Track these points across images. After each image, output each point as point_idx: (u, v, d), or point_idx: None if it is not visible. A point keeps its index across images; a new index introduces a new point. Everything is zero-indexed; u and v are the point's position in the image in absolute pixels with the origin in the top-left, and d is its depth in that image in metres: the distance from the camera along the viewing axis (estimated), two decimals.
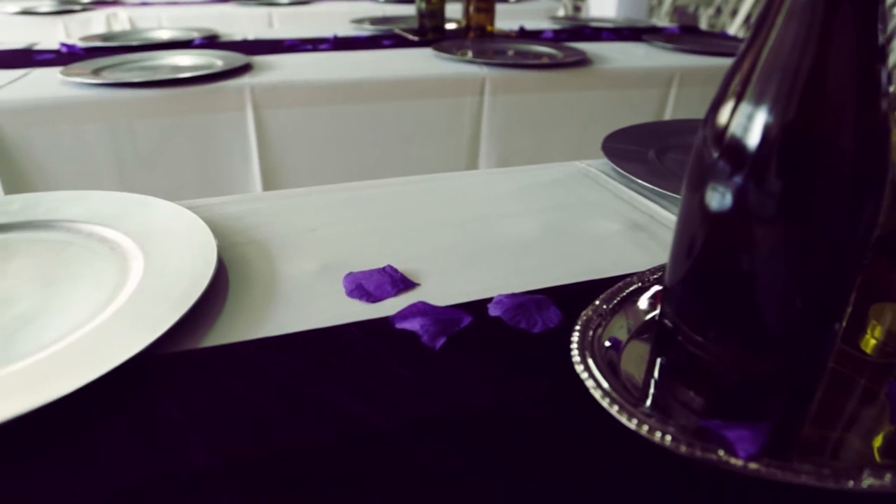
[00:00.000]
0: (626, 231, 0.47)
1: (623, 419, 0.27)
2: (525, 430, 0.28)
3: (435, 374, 0.32)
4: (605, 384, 0.29)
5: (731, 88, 0.27)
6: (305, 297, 0.38)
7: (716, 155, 0.26)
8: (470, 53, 1.16)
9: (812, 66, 0.23)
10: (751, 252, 0.27)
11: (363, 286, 0.39)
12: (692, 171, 0.28)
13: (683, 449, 0.26)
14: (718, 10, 3.39)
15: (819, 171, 0.25)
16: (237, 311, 0.37)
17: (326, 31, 1.49)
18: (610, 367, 0.31)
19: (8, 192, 0.95)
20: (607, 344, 0.33)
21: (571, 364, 0.31)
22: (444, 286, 0.40)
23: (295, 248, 0.45)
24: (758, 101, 0.25)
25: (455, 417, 0.29)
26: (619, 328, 0.34)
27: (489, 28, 1.40)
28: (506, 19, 1.67)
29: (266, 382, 0.31)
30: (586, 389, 0.29)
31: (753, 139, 0.25)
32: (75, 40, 1.38)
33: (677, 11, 3.92)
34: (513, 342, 0.34)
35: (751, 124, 0.25)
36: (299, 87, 0.99)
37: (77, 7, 2.09)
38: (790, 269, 0.27)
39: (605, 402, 0.28)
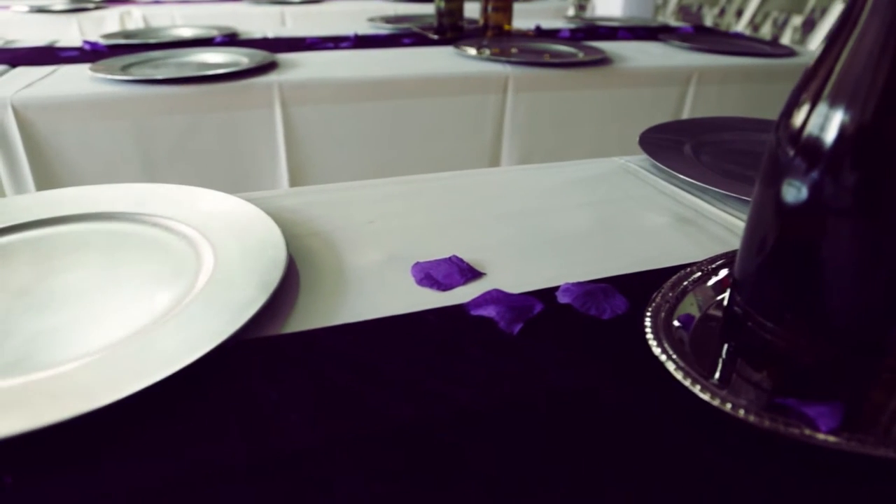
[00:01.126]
0: (674, 224, 0.49)
1: (706, 397, 0.29)
2: (608, 409, 0.30)
3: (516, 358, 0.33)
4: (683, 364, 0.31)
5: (808, 92, 0.28)
6: (376, 286, 0.40)
7: (791, 153, 0.28)
8: (491, 52, 1.17)
9: (891, 65, 0.25)
10: (825, 243, 0.29)
11: (432, 275, 0.40)
12: (767, 169, 0.30)
13: (767, 423, 0.27)
14: (722, 11, 3.40)
15: (893, 167, 0.26)
16: (311, 300, 0.39)
17: (339, 30, 1.50)
18: (683, 350, 0.32)
19: (39, 187, 0.96)
20: (676, 324, 0.34)
21: (645, 347, 0.32)
22: (509, 275, 0.41)
23: (357, 239, 0.46)
24: (834, 102, 0.26)
25: (541, 397, 0.30)
26: (686, 314, 0.36)
27: (506, 27, 1.41)
28: (517, 18, 1.68)
29: (352, 366, 0.32)
30: (662, 371, 0.30)
31: (830, 137, 0.26)
32: (96, 38, 1.39)
33: (682, 11, 3.93)
34: (585, 328, 0.36)
35: (828, 124, 0.27)
36: (327, 85, 1.01)
37: (91, 5, 2.10)
38: (862, 260, 0.28)
39: (687, 382, 0.29)
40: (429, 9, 2.03)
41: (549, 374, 0.32)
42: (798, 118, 0.28)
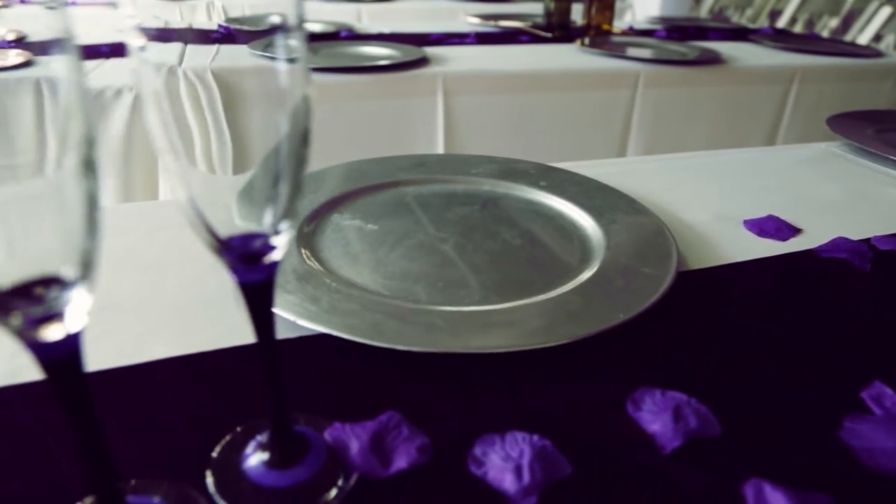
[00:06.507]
0: None
1: None
2: None
3: (874, 285, 0.44)
4: None
5: None
6: (725, 237, 0.50)
7: None
8: (617, 50, 1.28)
9: None
10: None
11: (765, 229, 0.51)
12: None
13: None
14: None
15: None
16: (682, 247, 0.49)
17: (414, 28, 1.53)
18: None
19: None
20: None
21: None
22: (817, 231, 0.52)
23: (671, 202, 0.56)
24: None
25: None
26: None
27: (605, 27, 1.52)
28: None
29: (759, 295, 0.43)
30: None
31: None
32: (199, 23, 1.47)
33: (710, 11, 4.04)
34: None
35: None
36: (484, 77, 1.11)
37: None
38: None
39: None
40: (506, 8, 2.13)
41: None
42: None
